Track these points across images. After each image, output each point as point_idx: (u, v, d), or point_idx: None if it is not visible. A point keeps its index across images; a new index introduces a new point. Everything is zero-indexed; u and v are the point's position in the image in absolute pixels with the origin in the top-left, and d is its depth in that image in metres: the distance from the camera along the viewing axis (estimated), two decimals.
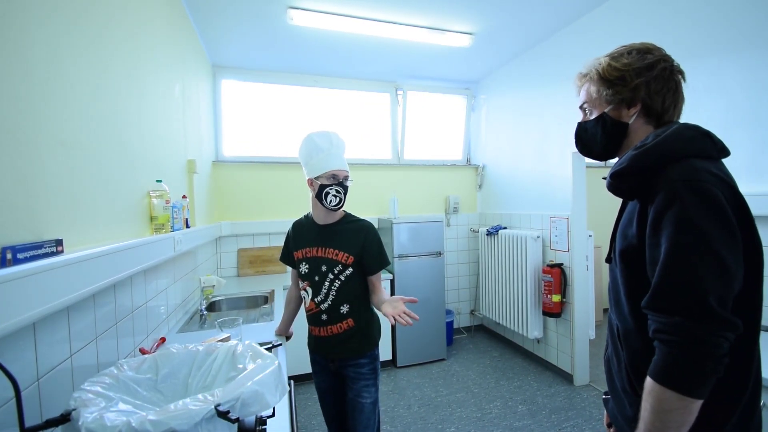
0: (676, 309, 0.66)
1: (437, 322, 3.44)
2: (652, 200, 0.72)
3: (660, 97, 0.81)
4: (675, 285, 0.67)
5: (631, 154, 0.77)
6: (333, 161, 1.47)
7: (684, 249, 0.67)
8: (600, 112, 0.87)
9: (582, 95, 0.92)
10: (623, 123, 0.85)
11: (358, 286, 1.53)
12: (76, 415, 0.65)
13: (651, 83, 0.81)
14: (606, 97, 0.85)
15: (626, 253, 0.79)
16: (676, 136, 0.74)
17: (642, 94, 0.81)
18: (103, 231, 1.18)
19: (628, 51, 0.84)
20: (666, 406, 0.66)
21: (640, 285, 0.76)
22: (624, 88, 0.82)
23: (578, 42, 2.77)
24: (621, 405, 0.86)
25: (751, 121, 1.78)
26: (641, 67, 0.81)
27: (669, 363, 0.66)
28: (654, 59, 0.81)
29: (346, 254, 1.50)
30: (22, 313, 0.69)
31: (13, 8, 0.81)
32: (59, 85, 0.96)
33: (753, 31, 1.77)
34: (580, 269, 2.88)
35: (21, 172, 0.81)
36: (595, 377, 2.97)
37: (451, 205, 4.03)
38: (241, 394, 0.68)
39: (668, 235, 0.68)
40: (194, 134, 2.54)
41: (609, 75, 0.84)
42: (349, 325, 1.52)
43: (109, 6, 1.27)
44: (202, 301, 2.20)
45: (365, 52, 3.18)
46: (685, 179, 0.69)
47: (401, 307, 1.38)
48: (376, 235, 1.55)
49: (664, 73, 0.81)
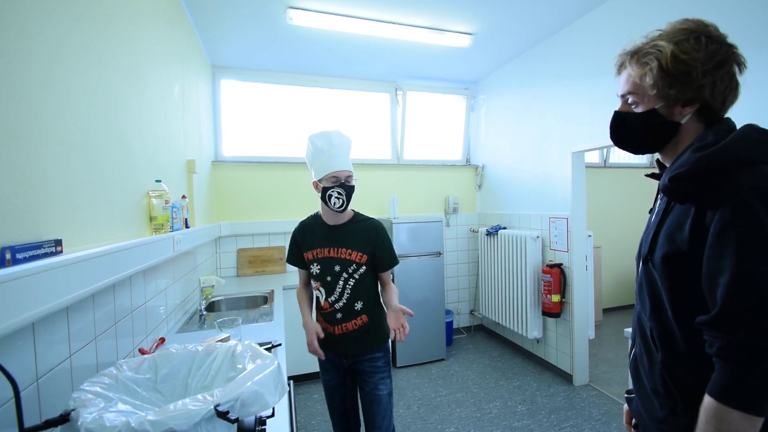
0: (745, 326, 0.63)
1: (437, 322, 3.44)
2: (713, 207, 0.67)
3: (722, 97, 0.74)
4: (747, 301, 0.63)
5: (694, 156, 0.70)
6: (332, 162, 1.46)
7: (755, 261, 0.63)
8: (650, 107, 0.77)
9: (628, 83, 0.80)
10: (675, 123, 0.77)
11: (371, 283, 1.57)
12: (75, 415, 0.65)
13: (717, 83, 0.72)
14: (663, 94, 0.75)
15: (671, 259, 0.74)
16: (744, 139, 0.69)
17: (706, 95, 0.73)
18: (103, 231, 1.18)
19: (694, 37, 0.73)
20: (733, 428, 0.63)
21: (685, 292, 0.73)
22: (688, 87, 0.72)
23: (578, 42, 2.77)
24: (650, 406, 0.84)
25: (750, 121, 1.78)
26: (711, 65, 0.71)
27: (737, 382, 0.63)
28: (724, 55, 0.72)
29: (360, 253, 1.52)
30: (21, 313, 0.69)
31: (13, 8, 0.81)
32: (59, 85, 0.96)
33: (753, 31, 1.77)
34: (579, 269, 2.88)
35: (20, 172, 0.81)
36: (595, 377, 2.98)
37: (450, 205, 4.03)
38: (241, 395, 0.68)
39: (737, 247, 0.64)
40: (194, 134, 2.54)
41: (673, 68, 0.72)
42: (364, 321, 1.54)
43: (109, 6, 1.27)
44: (201, 301, 2.19)
45: (365, 52, 3.18)
46: (755, 186, 0.65)
47: (403, 320, 1.40)
48: (386, 234, 1.58)
49: (731, 70, 0.73)
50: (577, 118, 2.78)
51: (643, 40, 0.78)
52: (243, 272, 3.38)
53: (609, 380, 2.93)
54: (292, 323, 2.88)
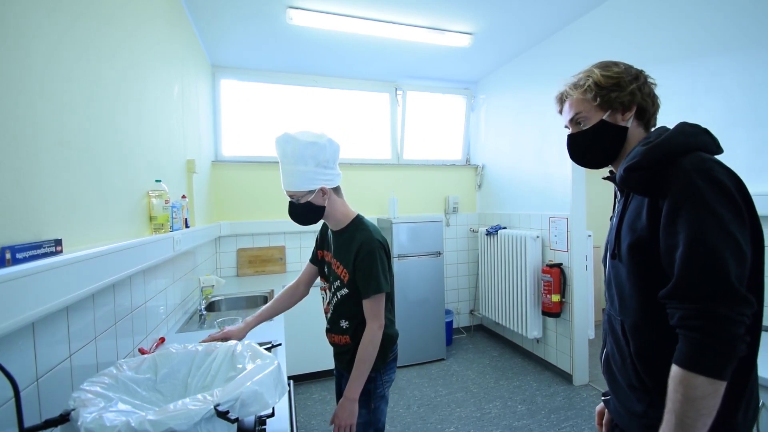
0: (701, 293, 0.68)
1: (436, 322, 3.44)
2: (664, 192, 0.75)
3: (650, 100, 0.89)
4: (700, 269, 0.69)
5: (641, 149, 0.80)
6: (283, 178, 1.29)
7: (705, 233, 0.69)
8: (598, 119, 0.90)
9: (572, 109, 0.94)
10: (624, 127, 0.89)
11: (355, 307, 1.35)
12: (75, 415, 0.65)
13: (642, 88, 0.88)
14: (605, 103, 0.89)
15: (636, 246, 0.81)
16: (682, 132, 0.79)
17: (638, 98, 0.88)
18: (103, 231, 1.18)
19: (612, 63, 0.91)
20: (699, 393, 0.67)
21: (650, 277, 0.78)
22: (621, 92, 0.87)
23: (578, 41, 2.77)
24: (628, 401, 0.87)
25: (750, 121, 1.79)
26: (631, 76, 0.88)
27: (699, 349, 0.68)
28: (636, 71, 0.90)
29: (344, 269, 1.35)
30: (21, 313, 0.69)
31: (12, 7, 0.81)
32: (58, 84, 0.96)
33: (753, 31, 1.77)
34: (579, 269, 2.88)
35: (20, 172, 0.81)
36: (595, 377, 2.98)
37: (450, 205, 4.03)
38: (241, 394, 0.68)
39: (688, 221, 0.71)
40: (193, 134, 2.54)
41: (605, 82, 0.88)
42: (346, 342, 1.39)
43: (108, 5, 1.27)
44: (201, 301, 2.19)
45: (365, 52, 3.18)
46: (698, 169, 0.73)
47: (352, 420, 1.27)
48: (369, 254, 1.29)
49: (647, 81, 0.90)
50: None
51: (574, 78, 0.94)
52: (243, 272, 3.38)
53: None
54: (292, 323, 2.89)
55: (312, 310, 2.96)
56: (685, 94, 2.05)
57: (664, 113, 2.39)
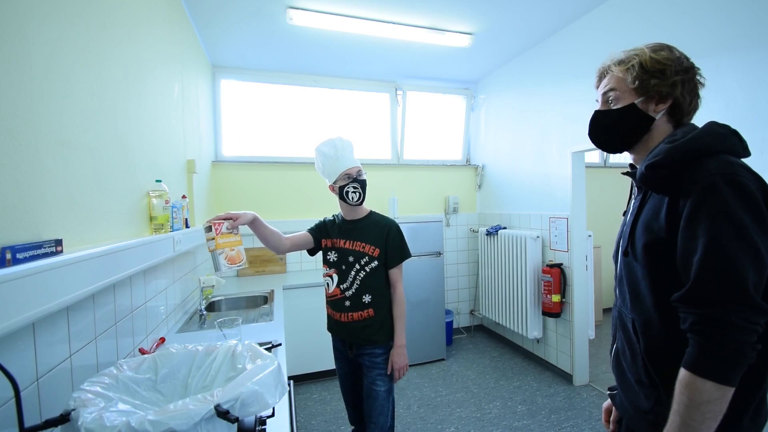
0: (715, 299, 0.67)
1: (437, 322, 3.44)
2: (685, 194, 0.73)
3: (689, 98, 0.84)
4: (716, 274, 0.67)
5: (666, 147, 0.77)
6: (341, 163, 1.59)
7: (725, 239, 0.68)
8: (629, 102, 0.86)
9: (610, 81, 0.89)
10: (651, 117, 0.85)
11: (381, 279, 1.63)
12: (75, 415, 0.65)
13: (686, 83, 0.83)
14: (642, 88, 0.84)
15: (652, 247, 0.79)
16: (710, 132, 0.77)
17: (677, 92, 0.83)
18: (103, 231, 1.18)
19: (667, 47, 0.85)
20: (705, 397, 0.67)
21: (665, 278, 0.77)
22: (663, 82, 0.82)
23: (578, 41, 2.77)
24: (635, 398, 0.87)
25: (750, 121, 1.79)
26: (681, 68, 0.83)
27: (708, 354, 0.67)
28: (689, 64, 0.85)
29: (373, 247, 1.62)
30: (21, 313, 0.69)
31: (12, 7, 0.81)
32: (58, 84, 0.96)
33: (753, 31, 1.77)
34: (579, 269, 2.88)
35: (20, 172, 0.81)
36: (595, 377, 2.98)
37: (450, 205, 4.03)
38: (241, 394, 0.68)
39: (707, 227, 0.69)
40: (194, 134, 2.54)
41: (651, 66, 0.83)
42: (369, 315, 1.60)
43: (108, 5, 1.27)
44: (201, 301, 2.19)
45: (365, 52, 3.18)
46: (723, 172, 0.70)
47: (406, 362, 1.61)
48: (399, 231, 1.67)
49: (695, 78, 0.85)
50: (576, 118, 2.78)
51: (622, 54, 0.89)
52: (243, 272, 3.38)
53: (609, 380, 2.93)
54: (293, 323, 2.89)
55: (312, 311, 2.97)
56: None
57: None
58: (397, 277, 1.65)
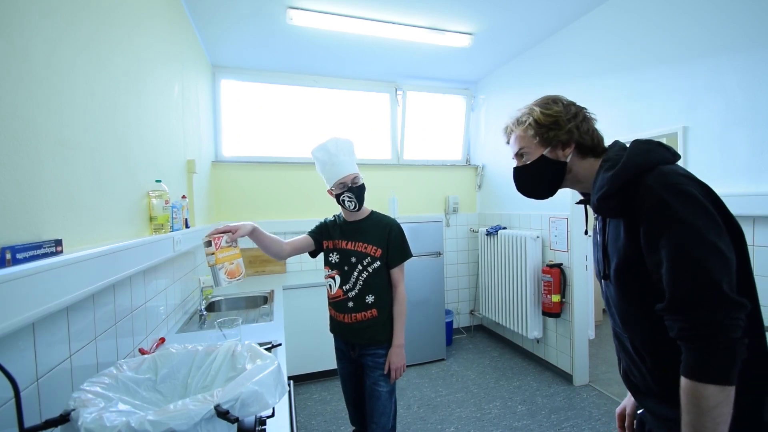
0: (694, 305, 0.69)
1: (437, 322, 3.44)
2: (638, 212, 0.77)
3: (588, 136, 0.92)
4: (688, 281, 0.70)
5: (606, 176, 0.82)
6: (336, 170, 1.57)
7: (685, 247, 0.70)
8: (539, 155, 0.95)
9: (517, 142, 0.99)
10: (562, 162, 0.94)
11: (384, 279, 1.64)
12: (75, 415, 0.65)
13: (581, 126, 0.92)
14: (544, 140, 0.93)
15: (623, 267, 0.82)
16: (637, 151, 0.82)
17: (575, 136, 0.91)
18: (103, 231, 1.18)
19: (553, 101, 0.95)
20: (712, 402, 0.67)
21: (645, 294, 0.79)
22: (560, 131, 0.91)
23: (578, 41, 2.77)
24: (660, 410, 0.85)
25: (750, 121, 1.79)
26: (570, 115, 0.92)
27: (703, 358, 0.68)
28: (576, 109, 0.94)
29: (375, 247, 1.62)
30: (21, 313, 0.69)
31: (12, 7, 0.80)
32: (57, 84, 0.96)
33: (753, 31, 1.77)
34: (579, 269, 2.88)
35: (20, 172, 0.81)
36: (595, 377, 2.98)
37: (450, 205, 4.03)
38: (241, 395, 0.68)
39: (667, 237, 0.72)
40: (193, 134, 2.54)
41: (544, 120, 0.92)
42: (373, 315, 1.61)
43: (107, 5, 1.27)
44: (201, 301, 2.19)
45: (365, 52, 3.18)
46: (663, 184, 0.75)
47: (404, 361, 1.61)
48: (400, 231, 1.67)
49: (586, 118, 0.94)
50: None
51: (519, 113, 0.99)
52: None
53: (609, 380, 2.93)
54: (292, 323, 2.89)
55: (312, 311, 2.97)
56: (685, 94, 2.05)
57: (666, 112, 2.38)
58: (398, 276, 1.65)
